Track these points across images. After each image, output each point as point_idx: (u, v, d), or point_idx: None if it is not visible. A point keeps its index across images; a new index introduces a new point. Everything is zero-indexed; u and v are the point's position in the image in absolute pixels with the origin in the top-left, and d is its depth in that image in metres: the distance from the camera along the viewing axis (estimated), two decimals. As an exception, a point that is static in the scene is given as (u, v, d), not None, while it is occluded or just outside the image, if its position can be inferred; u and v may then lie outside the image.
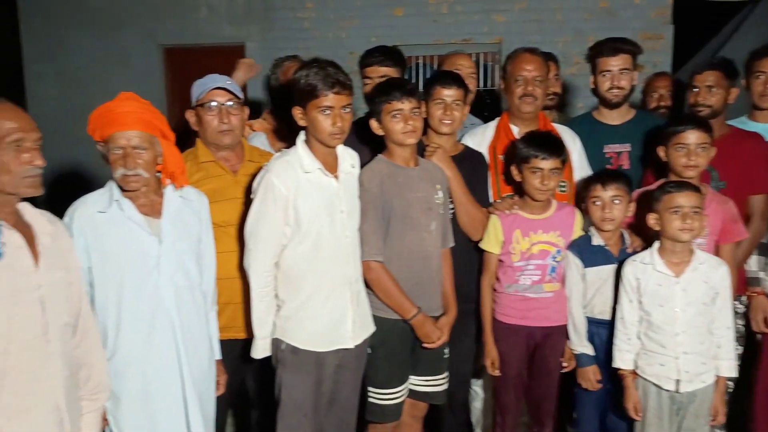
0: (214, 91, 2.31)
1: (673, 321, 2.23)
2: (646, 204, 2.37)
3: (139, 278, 1.92)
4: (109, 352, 1.91)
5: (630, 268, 2.31)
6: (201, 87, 2.33)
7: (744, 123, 2.86)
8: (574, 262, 2.45)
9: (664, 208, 2.23)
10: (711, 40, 6.68)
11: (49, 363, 1.60)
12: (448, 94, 2.44)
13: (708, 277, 2.24)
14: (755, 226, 2.60)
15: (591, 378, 2.45)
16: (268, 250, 2.11)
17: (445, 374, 2.43)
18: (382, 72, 2.60)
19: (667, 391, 2.25)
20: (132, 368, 1.93)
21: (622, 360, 2.33)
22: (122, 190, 1.95)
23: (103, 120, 1.91)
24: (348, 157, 2.24)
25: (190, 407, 1.98)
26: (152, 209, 1.98)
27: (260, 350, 2.17)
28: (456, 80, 2.48)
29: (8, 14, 7.03)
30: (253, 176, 2.20)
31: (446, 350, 2.41)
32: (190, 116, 2.38)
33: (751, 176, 2.61)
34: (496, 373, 2.50)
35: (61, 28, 6.47)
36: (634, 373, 2.32)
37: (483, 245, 2.51)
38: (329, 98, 2.05)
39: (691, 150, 2.37)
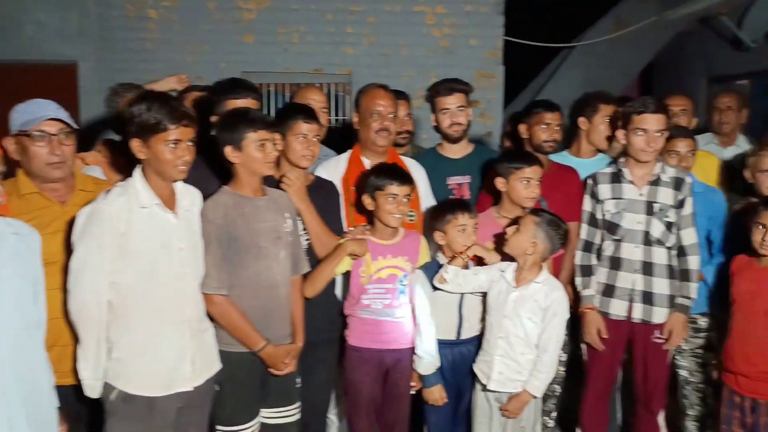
0: (46, 122, 2.09)
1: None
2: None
3: None
4: None
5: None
6: (28, 115, 2.09)
7: (564, 157, 3.19)
8: (422, 285, 2.55)
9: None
10: (535, 78, 7.46)
11: None
12: (310, 128, 2.47)
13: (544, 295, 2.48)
14: (572, 247, 2.88)
15: (437, 397, 2.57)
16: (95, 286, 1.96)
17: (298, 404, 2.40)
18: (239, 104, 2.46)
19: None
20: None
21: None
22: None
23: None
24: (187, 194, 2.17)
25: None
26: None
27: (89, 389, 2.01)
28: (315, 115, 2.53)
29: None
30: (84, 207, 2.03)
31: (298, 380, 2.40)
32: (8, 143, 2.11)
33: (569, 206, 2.90)
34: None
35: None
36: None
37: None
38: (177, 132, 1.99)
39: (531, 183, 2.62)
